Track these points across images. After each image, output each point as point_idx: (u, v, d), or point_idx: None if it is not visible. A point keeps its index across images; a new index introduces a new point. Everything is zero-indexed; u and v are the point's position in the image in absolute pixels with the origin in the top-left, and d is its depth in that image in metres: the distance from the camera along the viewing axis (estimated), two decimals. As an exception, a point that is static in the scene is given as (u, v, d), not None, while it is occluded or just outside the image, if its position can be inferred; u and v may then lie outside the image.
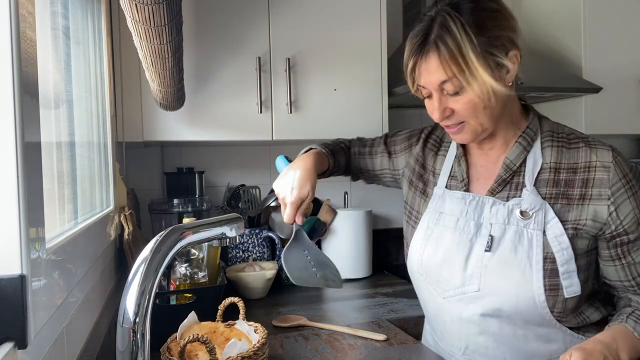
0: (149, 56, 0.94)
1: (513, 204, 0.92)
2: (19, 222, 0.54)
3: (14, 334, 0.53)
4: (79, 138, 1.08)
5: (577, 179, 0.91)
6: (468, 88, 0.86)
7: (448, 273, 0.97)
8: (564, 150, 0.94)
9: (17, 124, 0.54)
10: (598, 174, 0.89)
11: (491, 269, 0.92)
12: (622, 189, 0.88)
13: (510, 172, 0.95)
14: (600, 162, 0.90)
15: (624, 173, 0.89)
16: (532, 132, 0.96)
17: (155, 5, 0.70)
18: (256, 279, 1.59)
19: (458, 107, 0.88)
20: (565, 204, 0.90)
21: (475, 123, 0.90)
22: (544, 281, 0.88)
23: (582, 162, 0.91)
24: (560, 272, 0.88)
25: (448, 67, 0.85)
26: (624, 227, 0.89)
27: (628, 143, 2.58)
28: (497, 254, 0.92)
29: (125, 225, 1.42)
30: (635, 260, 0.91)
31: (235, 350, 0.90)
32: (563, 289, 0.88)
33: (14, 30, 0.53)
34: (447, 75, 0.86)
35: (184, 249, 0.69)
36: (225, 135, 1.62)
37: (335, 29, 1.72)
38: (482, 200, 0.96)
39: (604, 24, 1.99)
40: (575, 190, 0.90)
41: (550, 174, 0.92)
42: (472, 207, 0.97)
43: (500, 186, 0.95)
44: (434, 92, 0.89)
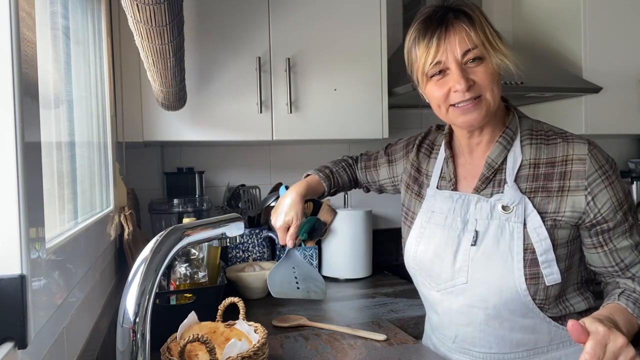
0: (151, 56, 0.94)
1: (495, 200, 0.98)
2: (19, 222, 0.54)
3: (14, 334, 0.53)
4: (79, 138, 1.08)
5: (555, 173, 0.95)
6: (488, 57, 0.92)
7: (439, 267, 1.02)
8: (543, 146, 0.98)
9: (17, 124, 0.54)
10: (575, 166, 0.94)
11: (477, 262, 0.97)
12: (598, 179, 0.92)
13: (492, 170, 1.00)
14: (577, 155, 0.94)
15: (600, 164, 0.93)
16: (512, 132, 1.00)
17: (157, 5, 0.70)
18: (256, 279, 1.59)
19: (478, 77, 0.92)
20: (545, 196, 0.95)
21: (491, 97, 0.94)
22: (524, 270, 0.93)
23: (559, 156, 0.96)
24: (540, 262, 0.93)
25: (476, 35, 0.91)
26: (602, 215, 0.93)
27: (628, 143, 2.58)
28: (482, 247, 0.97)
29: (125, 225, 1.42)
30: (616, 247, 0.95)
31: (235, 350, 0.90)
32: (544, 277, 0.93)
33: (14, 30, 0.53)
34: (474, 42, 0.91)
35: (184, 249, 0.69)
36: (226, 135, 1.62)
37: (336, 29, 1.72)
38: (468, 198, 1.02)
39: (604, 24, 1.99)
40: (553, 183, 0.95)
41: (529, 169, 0.97)
42: (459, 205, 1.03)
43: (484, 184, 1.01)
44: (454, 65, 0.92)
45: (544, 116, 2.17)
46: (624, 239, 0.95)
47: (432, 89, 0.97)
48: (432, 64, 0.93)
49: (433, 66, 0.94)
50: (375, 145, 2.15)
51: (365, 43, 1.75)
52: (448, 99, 0.95)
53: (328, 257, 1.88)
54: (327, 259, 1.89)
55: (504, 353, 1.00)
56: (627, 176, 2.30)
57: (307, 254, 1.82)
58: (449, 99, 0.95)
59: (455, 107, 0.95)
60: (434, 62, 0.93)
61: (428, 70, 0.94)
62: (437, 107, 0.99)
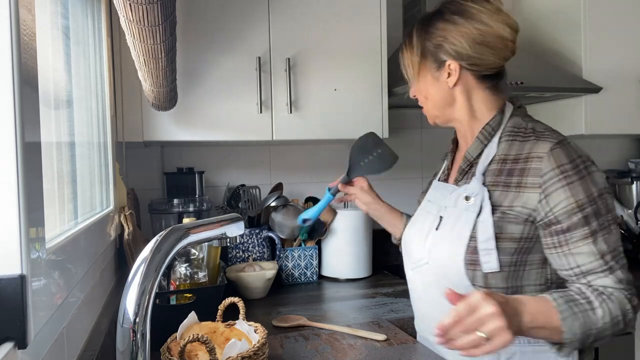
0: (142, 55, 0.94)
1: (462, 190, 1.05)
2: (19, 222, 0.54)
3: (14, 334, 0.53)
4: (79, 138, 1.08)
5: (517, 169, 0.99)
6: (413, 81, 1.14)
7: (415, 248, 1.13)
8: (516, 143, 1.02)
9: (17, 124, 0.54)
10: (533, 163, 0.96)
11: (436, 244, 1.06)
12: (554, 178, 0.93)
13: (468, 163, 1.08)
14: (537, 152, 0.96)
15: (558, 164, 0.93)
16: (490, 128, 1.06)
17: (149, 5, 0.69)
18: (256, 279, 1.59)
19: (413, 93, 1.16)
20: (504, 190, 0.99)
21: (426, 108, 1.14)
22: (465, 255, 0.98)
23: (524, 153, 0.99)
24: (480, 249, 0.97)
25: (403, 64, 1.15)
26: (554, 214, 0.93)
27: (628, 143, 2.58)
28: (441, 231, 1.06)
29: (125, 225, 1.42)
30: (572, 251, 0.93)
31: (235, 350, 0.90)
32: (481, 264, 0.97)
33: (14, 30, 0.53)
34: (403, 67, 1.15)
35: (184, 249, 0.69)
36: (226, 135, 1.62)
37: (335, 29, 1.72)
38: (447, 188, 1.12)
39: (604, 24, 1.99)
40: (513, 178, 0.99)
41: (498, 164, 1.03)
42: (439, 194, 1.13)
43: (461, 175, 1.09)
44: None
45: (544, 116, 2.17)
46: (583, 245, 0.91)
47: None
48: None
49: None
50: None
51: (365, 43, 1.75)
52: None
53: (328, 257, 1.88)
54: (327, 259, 1.89)
55: None
56: (627, 176, 2.30)
57: (307, 254, 1.83)
58: None
59: None
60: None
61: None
62: None
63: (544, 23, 2.15)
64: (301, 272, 1.82)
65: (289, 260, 1.80)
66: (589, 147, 2.47)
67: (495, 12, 1.02)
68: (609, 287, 0.90)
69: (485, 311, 0.78)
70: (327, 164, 2.12)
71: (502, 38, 1.02)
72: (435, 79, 1.08)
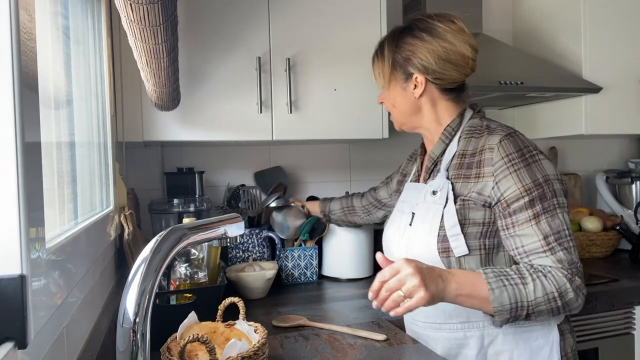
0: (144, 56, 0.94)
1: (429, 186, 1.15)
2: (19, 222, 0.54)
3: (14, 334, 0.53)
4: (79, 138, 1.08)
5: (474, 161, 1.09)
6: (382, 89, 1.24)
7: (393, 247, 1.21)
8: (473, 139, 1.13)
9: (17, 124, 0.54)
10: (486, 154, 1.06)
11: (411, 239, 1.15)
12: (503, 166, 1.03)
13: (432, 161, 1.19)
14: (489, 145, 1.07)
15: (507, 153, 1.04)
16: (451, 129, 1.17)
17: (150, 5, 0.69)
18: (256, 279, 1.59)
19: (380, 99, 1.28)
20: (464, 182, 1.10)
21: (394, 115, 1.26)
22: (437, 245, 1.08)
23: (479, 147, 1.09)
24: (449, 236, 1.07)
25: (374, 73, 1.26)
26: (504, 199, 1.03)
27: (628, 143, 2.58)
28: (414, 227, 1.15)
29: (125, 225, 1.42)
30: (517, 233, 1.02)
31: (235, 350, 0.90)
32: (452, 250, 1.06)
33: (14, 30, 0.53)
34: (374, 76, 1.26)
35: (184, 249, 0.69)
36: (226, 135, 1.62)
37: (335, 29, 1.72)
38: (419, 187, 1.21)
39: (604, 24, 1.99)
40: (472, 170, 1.09)
41: (458, 159, 1.13)
42: (412, 193, 1.22)
43: (427, 173, 1.20)
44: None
45: (544, 116, 2.17)
46: (527, 227, 1.00)
47: None
48: None
49: None
50: (375, 145, 2.16)
51: (365, 43, 1.75)
52: None
53: (328, 257, 1.88)
54: (327, 259, 1.89)
55: (440, 323, 1.13)
56: (627, 176, 2.30)
57: (307, 254, 1.82)
58: None
59: None
60: None
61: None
62: None
63: (544, 23, 2.15)
64: (301, 272, 1.82)
65: (289, 260, 1.80)
66: (589, 147, 2.48)
67: (459, 32, 1.13)
68: (548, 266, 0.98)
69: (404, 272, 0.91)
70: (327, 164, 2.12)
71: (464, 56, 1.13)
72: (403, 89, 1.19)
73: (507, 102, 2.20)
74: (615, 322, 1.63)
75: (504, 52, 1.98)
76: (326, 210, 1.76)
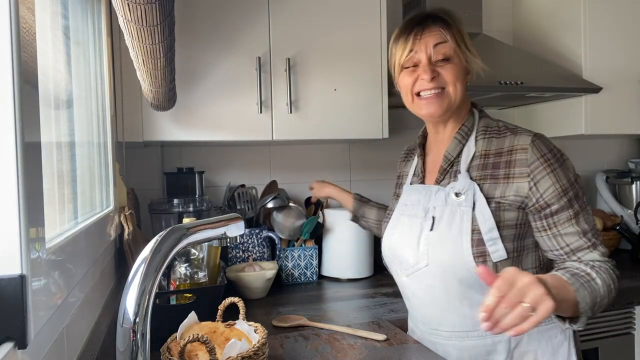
0: (141, 56, 0.94)
1: (450, 188, 1.09)
2: (19, 222, 0.54)
3: (14, 334, 0.53)
4: (79, 138, 1.08)
5: (502, 162, 1.05)
6: (456, 56, 1.08)
7: (407, 253, 1.13)
8: (493, 139, 1.09)
9: (17, 124, 0.54)
10: (518, 155, 1.03)
11: (434, 245, 1.07)
12: (540, 167, 1.01)
13: (448, 162, 1.13)
14: (520, 145, 1.03)
15: (541, 153, 1.01)
16: (467, 128, 1.13)
17: (148, 5, 0.69)
18: (256, 279, 1.59)
19: (444, 72, 1.08)
20: (493, 183, 1.05)
21: (452, 92, 1.08)
22: (472, 249, 1.02)
23: (506, 147, 1.06)
24: (485, 240, 1.02)
25: (450, 34, 1.07)
26: (544, 199, 1.01)
27: (628, 143, 2.58)
28: (438, 231, 1.08)
29: (125, 225, 1.42)
30: (560, 232, 1.01)
31: (235, 350, 0.90)
32: (490, 255, 1.01)
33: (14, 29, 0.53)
34: (446, 38, 1.07)
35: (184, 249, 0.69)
36: (226, 135, 1.62)
37: (335, 28, 1.72)
38: (430, 189, 1.14)
39: (604, 24, 1.99)
40: (500, 171, 1.05)
41: (480, 159, 1.09)
42: (422, 196, 1.15)
43: (442, 175, 1.14)
44: (424, 58, 1.08)
45: (544, 116, 2.17)
46: (569, 225, 1.00)
47: (404, 77, 1.12)
48: (407, 56, 1.09)
49: (408, 58, 1.10)
50: (375, 145, 2.16)
51: (365, 43, 1.75)
52: (414, 87, 1.10)
53: (328, 257, 1.88)
54: (327, 259, 1.89)
55: (467, 331, 1.08)
56: (627, 176, 2.30)
57: (307, 254, 1.82)
58: (415, 86, 1.10)
59: (420, 97, 1.11)
60: (409, 52, 1.09)
61: (403, 61, 1.10)
62: (406, 96, 1.14)
63: (544, 23, 2.15)
64: (301, 272, 1.82)
65: (289, 260, 1.80)
66: (589, 147, 2.48)
67: None
68: (597, 261, 0.98)
69: (523, 281, 0.75)
70: (327, 164, 2.12)
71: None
72: (464, 71, 1.10)
73: (507, 102, 2.20)
74: (615, 322, 1.63)
75: (504, 52, 1.98)
76: (359, 213, 1.62)
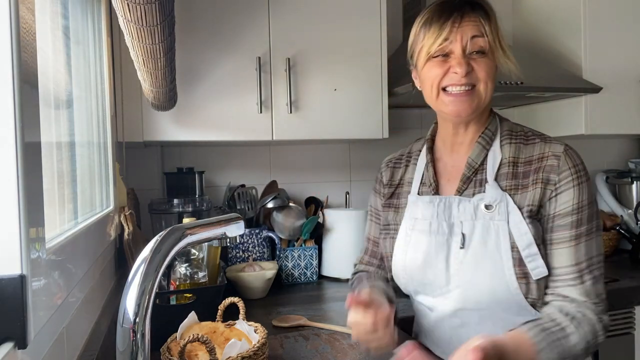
0: (141, 56, 0.94)
1: (478, 200, 0.98)
2: (19, 222, 0.54)
3: (14, 334, 0.53)
4: (79, 138, 1.08)
5: (532, 169, 0.97)
6: (492, 53, 0.97)
7: (433, 275, 1.00)
8: (522, 146, 1.00)
9: (17, 124, 0.54)
10: (549, 161, 0.95)
11: (467, 264, 0.96)
12: (569, 177, 0.94)
13: (472, 169, 1.01)
14: (552, 152, 0.96)
15: (574, 163, 0.95)
16: (491, 133, 1.02)
17: (148, 5, 0.69)
18: (256, 279, 1.59)
19: (478, 67, 0.95)
20: (523, 192, 0.96)
21: (484, 90, 0.97)
22: (514, 269, 0.92)
23: (536, 154, 0.97)
24: (524, 257, 0.92)
25: (490, 28, 0.96)
26: (557, 211, 0.94)
27: (628, 143, 2.58)
28: (470, 249, 0.96)
29: (125, 225, 1.42)
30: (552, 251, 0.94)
31: (235, 350, 0.90)
32: (530, 273, 0.92)
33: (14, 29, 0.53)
34: (484, 32, 0.95)
35: (184, 249, 0.69)
36: (226, 135, 1.62)
37: (335, 28, 1.72)
38: (449, 201, 1.01)
39: (604, 24, 1.99)
40: (529, 179, 0.96)
41: (508, 167, 0.99)
42: (442, 209, 1.01)
43: (466, 184, 1.01)
44: (459, 48, 0.95)
45: (544, 116, 2.17)
46: (565, 247, 0.93)
47: (431, 68, 0.98)
48: (440, 44, 0.95)
49: (440, 46, 0.95)
50: (375, 145, 2.15)
51: (365, 43, 1.75)
52: (443, 80, 0.97)
53: (328, 257, 1.88)
54: (327, 259, 1.89)
55: None
56: (627, 176, 2.30)
57: (307, 254, 1.82)
58: (444, 80, 0.96)
59: (447, 93, 0.97)
60: (443, 41, 0.95)
61: (434, 49, 0.96)
62: (430, 89, 0.99)
63: (544, 23, 2.15)
64: (301, 272, 1.82)
65: (288, 260, 1.80)
66: (589, 147, 2.48)
67: None
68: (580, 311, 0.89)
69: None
70: (327, 164, 2.12)
71: None
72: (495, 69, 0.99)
73: (507, 102, 2.20)
74: (615, 322, 1.63)
75: (504, 52, 1.98)
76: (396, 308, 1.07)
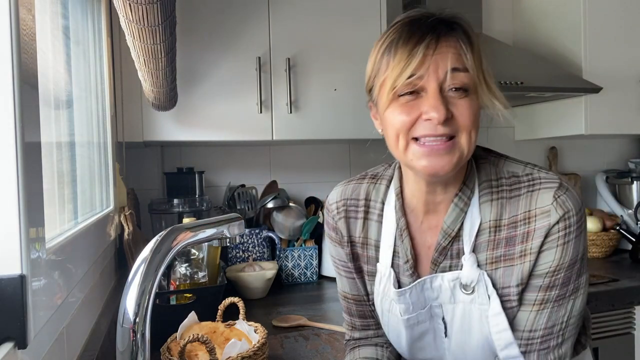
0: (142, 55, 0.94)
1: (453, 278, 0.80)
2: (19, 222, 0.54)
3: (14, 334, 0.53)
4: (79, 138, 1.08)
5: (518, 235, 0.77)
6: (476, 91, 0.74)
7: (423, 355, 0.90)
8: (504, 201, 0.79)
9: (17, 124, 0.54)
10: (539, 222, 0.76)
11: (455, 352, 0.85)
12: (556, 234, 0.75)
13: (448, 238, 0.81)
14: (540, 208, 0.76)
15: (565, 213, 0.75)
16: (469, 190, 0.81)
17: (149, 5, 0.70)
18: (256, 279, 1.59)
19: (459, 112, 0.72)
20: (509, 266, 0.78)
21: (466, 143, 0.74)
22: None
23: (521, 213, 0.77)
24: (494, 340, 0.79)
25: (472, 58, 0.72)
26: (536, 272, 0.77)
27: (628, 143, 2.58)
28: (454, 338, 0.84)
29: (125, 225, 1.42)
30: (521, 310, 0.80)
31: (235, 350, 0.90)
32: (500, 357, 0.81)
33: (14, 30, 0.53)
34: (466, 65, 0.72)
35: (184, 249, 0.69)
36: (226, 135, 1.62)
37: (336, 28, 1.72)
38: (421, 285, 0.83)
39: (604, 24, 1.99)
40: (516, 248, 0.77)
41: (490, 234, 0.79)
42: (415, 298, 0.84)
43: (442, 255, 0.82)
44: (433, 86, 0.72)
45: (544, 116, 2.17)
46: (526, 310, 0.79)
47: (396, 111, 0.75)
48: (409, 78, 0.71)
49: (408, 81, 0.72)
50: (375, 145, 2.15)
51: (365, 43, 1.74)
52: (413, 129, 0.74)
53: (328, 257, 1.88)
54: (327, 259, 1.89)
55: None
56: (627, 176, 2.30)
57: (307, 254, 1.82)
58: (414, 129, 0.74)
59: (419, 143, 0.74)
60: (413, 75, 0.71)
61: (400, 85, 0.72)
62: (395, 140, 0.78)
63: (544, 23, 2.15)
64: (301, 272, 1.82)
65: (288, 260, 1.80)
66: (589, 147, 2.48)
67: None
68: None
69: None
70: (327, 164, 2.12)
71: None
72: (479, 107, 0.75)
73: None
74: (615, 322, 1.63)
75: (504, 52, 1.98)
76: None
